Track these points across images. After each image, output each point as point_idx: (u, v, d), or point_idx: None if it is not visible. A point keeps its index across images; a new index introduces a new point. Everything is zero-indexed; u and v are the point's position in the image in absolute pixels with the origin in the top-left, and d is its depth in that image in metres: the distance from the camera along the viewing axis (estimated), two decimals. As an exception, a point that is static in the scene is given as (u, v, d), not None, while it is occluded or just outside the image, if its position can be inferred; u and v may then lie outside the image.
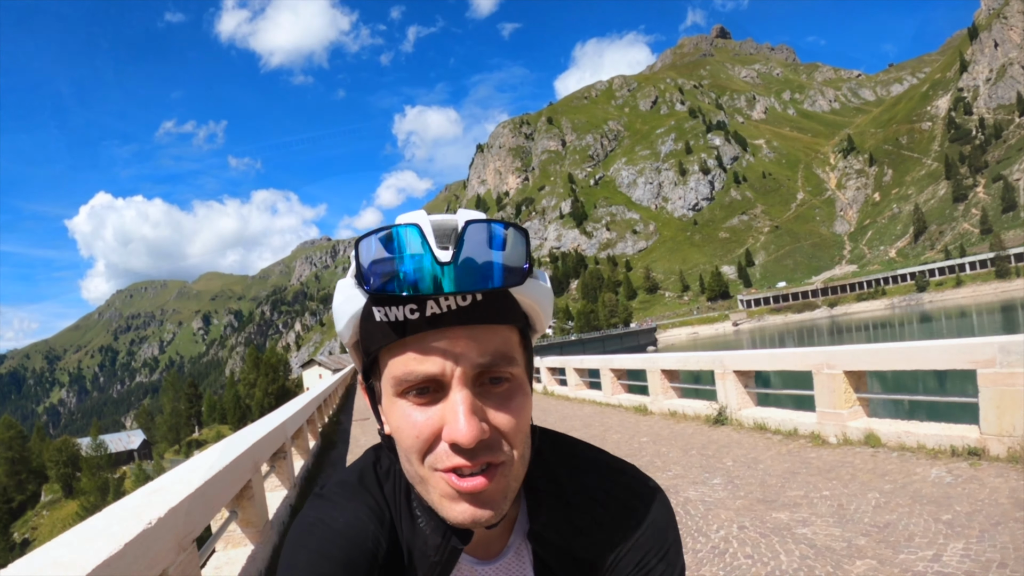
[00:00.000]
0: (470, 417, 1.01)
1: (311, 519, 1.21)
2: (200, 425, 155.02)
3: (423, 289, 0.98)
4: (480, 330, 1.05)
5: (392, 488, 1.27)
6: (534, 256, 1.06)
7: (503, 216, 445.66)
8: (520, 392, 1.11)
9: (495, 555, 1.28)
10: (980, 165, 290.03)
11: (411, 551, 1.22)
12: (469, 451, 1.03)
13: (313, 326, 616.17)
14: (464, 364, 1.03)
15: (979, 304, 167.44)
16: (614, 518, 1.24)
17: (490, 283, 1.00)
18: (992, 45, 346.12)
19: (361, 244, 1.04)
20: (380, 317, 1.07)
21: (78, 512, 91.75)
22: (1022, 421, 8.59)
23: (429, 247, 0.99)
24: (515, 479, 1.12)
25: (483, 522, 1.06)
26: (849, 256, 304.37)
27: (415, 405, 1.07)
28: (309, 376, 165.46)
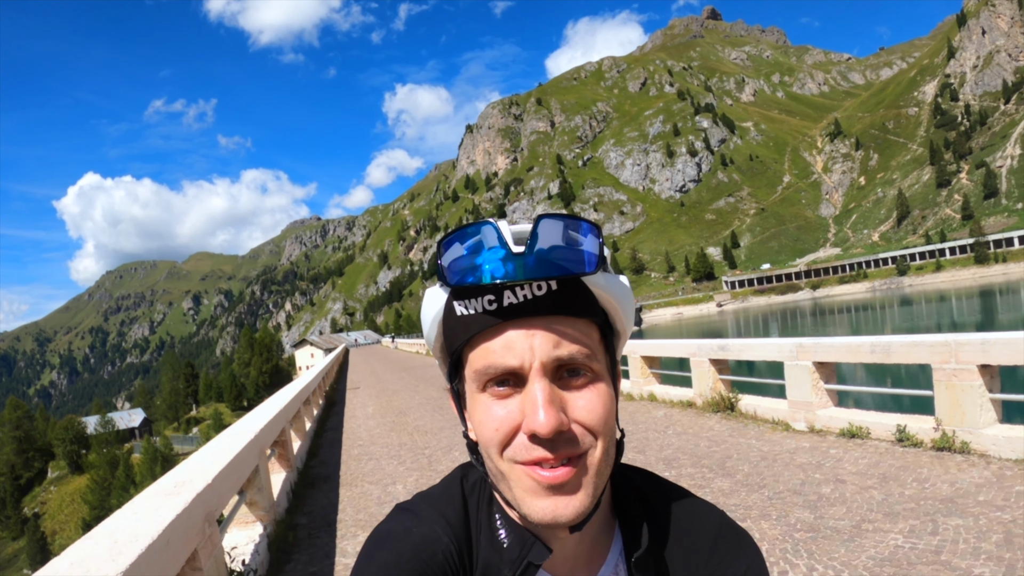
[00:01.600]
0: (548, 407, 1.01)
1: (386, 530, 1.21)
2: (197, 403, 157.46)
3: (497, 277, 1.01)
4: (558, 321, 1.05)
5: (476, 502, 1.26)
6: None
7: (491, 196, 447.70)
8: (600, 387, 1.10)
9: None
10: (964, 151, 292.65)
11: (487, 567, 1.20)
12: (549, 443, 1.02)
13: (304, 306, 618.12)
14: (542, 355, 1.03)
15: (958, 289, 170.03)
16: (718, 559, 1.24)
17: (561, 271, 1.02)
18: (980, 32, 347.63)
19: (442, 244, 1.07)
20: (460, 311, 1.08)
21: (88, 485, 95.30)
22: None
23: (505, 240, 1.03)
24: (598, 475, 1.09)
25: (565, 519, 1.04)
26: (833, 239, 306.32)
27: (495, 399, 1.07)
28: (301, 355, 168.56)
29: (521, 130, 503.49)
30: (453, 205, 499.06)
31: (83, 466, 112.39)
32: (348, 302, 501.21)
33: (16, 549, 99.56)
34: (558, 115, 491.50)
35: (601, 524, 1.24)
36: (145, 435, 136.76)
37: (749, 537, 1.29)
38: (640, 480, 1.33)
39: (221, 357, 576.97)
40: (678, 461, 10.69)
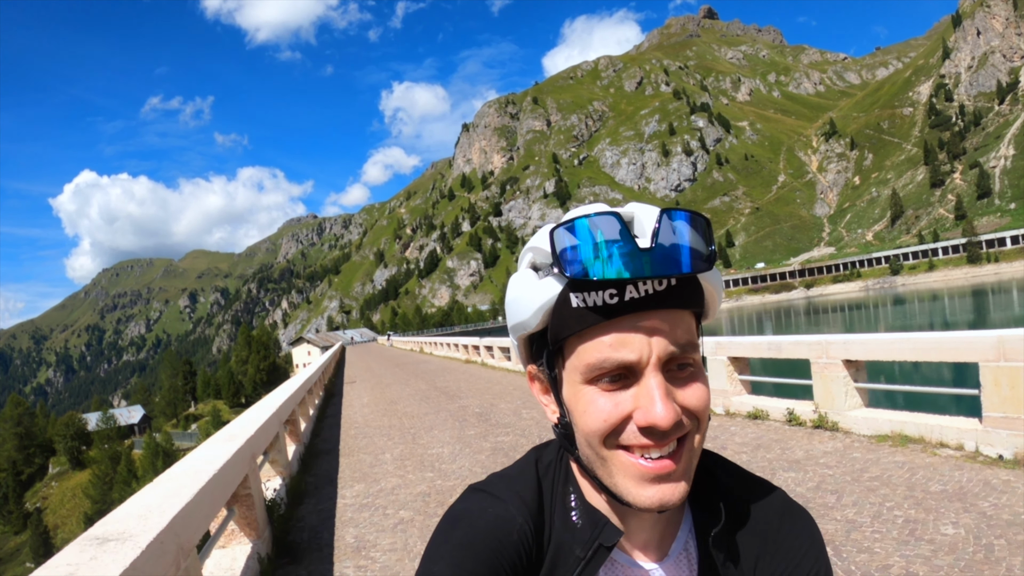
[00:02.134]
0: (666, 400, 1.02)
1: (461, 509, 1.22)
2: (195, 400, 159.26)
3: (626, 274, 1.00)
4: (671, 315, 1.06)
5: (551, 482, 1.27)
6: (520, 235, 1.03)
7: (487, 195, 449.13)
8: (702, 376, 1.12)
9: (660, 558, 1.26)
10: (958, 152, 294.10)
11: (559, 547, 1.20)
12: (661, 432, 1.04)
13: (300, 303, 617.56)
14: (659, 349, 1.04)
15: (950, 288, 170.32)
16: (784, 534, 1.26)
17: (684, 268, 1.02)
18: (975, 33, 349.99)
19: (555, 233, 1.06)
20: (577, 303, 1.06)
21: (91, 480, 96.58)
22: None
23: (629, 233, 1.02)
24: (696, 457, 1.13)
25: (673, 503, 1.07)
26: (828, 238, 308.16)
27: (604, 392, 1.07)
28: (299, 353, 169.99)
29: (517, 129, 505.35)
30: (449, 204, 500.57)
31: (84, 462, 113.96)
32: (344, 300, 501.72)
33: (18, 543, 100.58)
34: (554, 114, 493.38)
35: None
36: (147, 431, 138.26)
37: (808, 514, 1.31)
38: (707, 459, 1.33)
39: (218, 355, 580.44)
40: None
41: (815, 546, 1.26)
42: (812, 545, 1.26)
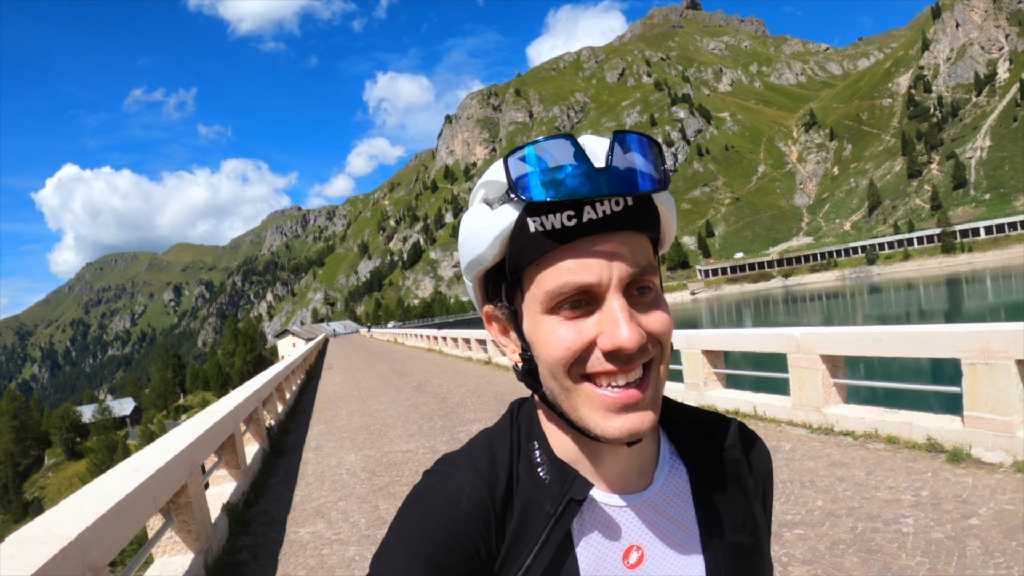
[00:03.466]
0: (631, 321, 1.00)
1: (412, 494, 1.21)
2: (184, 392, 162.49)
3: (583, 192, 0.97)
4: (630, 237, 1.04)
5: (509, 443, 1.24)
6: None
7: (470, 187, 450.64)
8: (663, 302, 1.10)
9: (641, 489, 1.22)
10: (936, 143, 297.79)
11: (527, 503, 1.17)
12: (626, 356, 1.02)
13: (285, 296, 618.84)
14: (619, 271, 1.02)
15: (925, 277, 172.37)
16: (756, 456, 1.31)
17: (640, 186, 0.99)
18: (954, 25, 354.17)
19: (510, 159, 1.02)
20: (535, 228, 1.03)
21: (88, 468, 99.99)
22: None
23: (584, 155, 0.99)
24: (662, 385, 1.10)
25: (643, 432, 1.05)
26: (806, 228, 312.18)
27: (566, 320, 1.05)
28: (284, 345, 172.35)
29: (500, 120, 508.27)
30: (432, 195, 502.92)
31: (79, 452, 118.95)
32: (329, 292, 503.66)
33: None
34: (536, 106, 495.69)
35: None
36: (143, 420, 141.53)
37: (760, 439, 1.36)
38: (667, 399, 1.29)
39: (203, 348, 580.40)
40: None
41: (769, 467, 1.34)
42: (769, 465, 1.34)
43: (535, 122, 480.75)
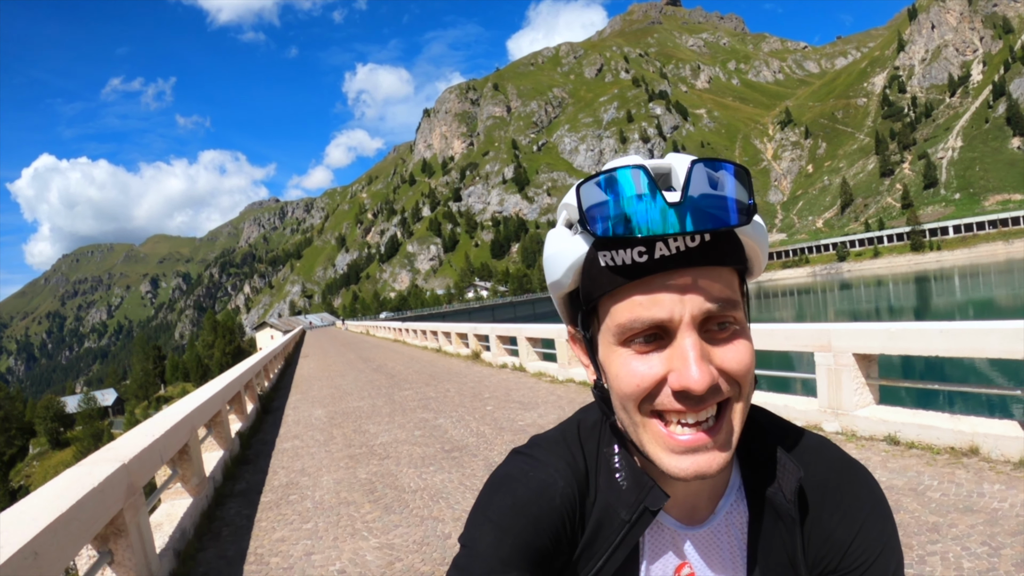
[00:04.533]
0: (701, 362, 0.98)
1: (504, 473, 1.22)
2: (164, 383, 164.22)
3: (653, 230, 0.96)
4: (707, 272, 1.01)
5: (595, 444, 1.25)
6: (478, 220, 1.22)
7: (448, 180, 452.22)
8: (744, 336, 1.07)
9: (704, 519, 1.24)
10: (909, 142, 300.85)
11: (604, 509, 1.19)
12: (698, 397, 1.00)
13: (262, 288, 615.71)
14: (693, 307, 1.00)
15: (894, 275, 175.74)
16: (843, 493, 1.21)
17: (718, 222, 0.97)
18: (929, 26, 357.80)
19: (582, 189, 1.01)
20: (606, 261, 1.02)
21: (74, 456, 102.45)
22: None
23: (658, 188, 0.96)
24: (739, 423, 1.08)
25: (709, 473, 1.04)
26: (780, 225, 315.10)
27: (638, 354, 1.03)
28: (262, 337, 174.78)
29: (478, 115, 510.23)
30: (410, 189, 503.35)
31: (63, 442, 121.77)
32: (306, 285, 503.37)
33: None
34: (514, 100, 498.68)
35: None
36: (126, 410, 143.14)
37: (868, 472, 1.25)
38: (758, 415, 1.29)
39: (181, 340, 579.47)
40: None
41: (879, 506, 1.21)
42: (876, 505, 1.20)
43: (513, 116, 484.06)
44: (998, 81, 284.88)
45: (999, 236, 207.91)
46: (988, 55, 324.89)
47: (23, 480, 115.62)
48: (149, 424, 7.79)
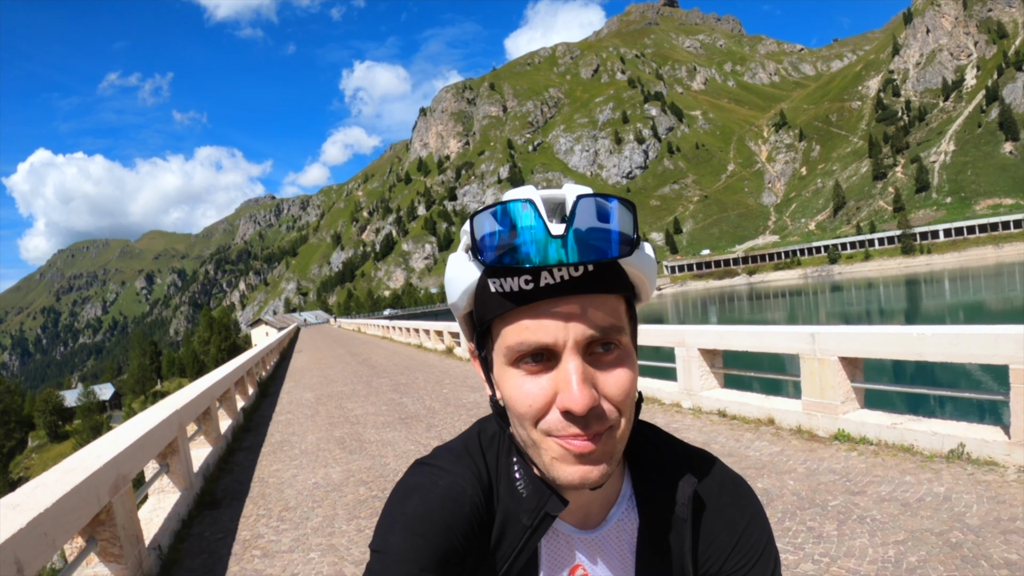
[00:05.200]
0: (582, 385, 1.03)
1: (412, 483, 1.25)
2: (161, 379, 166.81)
3: (537, 261, 1.00)
4: (591, 299, 1.06)
5: (495, 454, 1.31)
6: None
7: (443, 179, 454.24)
8: (628, 359, 1.12)
9: (597, 525, 1.31)
10: (902, 146, 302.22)
11: (507, 515, 1.25)
12: (582, 419, 1.05)
13: (258, 285, 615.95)
14: (576, 333, 1.04)
15: (885, 277, 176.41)
16: (723, 504, 1.30)
17: (601, 254, 1.01)
18: (924, 31, 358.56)
19: (475, 219, 1.06)
20: (495, 288, 1.08)
21: (74, 448, 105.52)
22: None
23: (543, 220, 1.01)
24: (621, 441, 1.13)
25: (592, 481, 1.09)
26: (773, 227, 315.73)
27: (528, 374, 1.08)
28: (257, 334, 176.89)
29: (474, 114, 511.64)
30: (406, 187, 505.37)
31: (62, 435, 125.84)
32: (302, 282, 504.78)
33: None
34: (510, 100, 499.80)
35: (614, 473, 1.23)
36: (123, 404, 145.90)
37: (749, 487, 1.35)
38: (648, 431, 1.37)
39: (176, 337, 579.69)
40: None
41: (758, 515, 1.31)
42: (755, 514, 1.30)
43: (508, 116, 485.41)
44: (991, 86, 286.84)
45: (989, 240, 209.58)
46: (982, 60, 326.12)
47: (22, 472, 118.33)
48: (181, 393, 11.02)
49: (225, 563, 6.99)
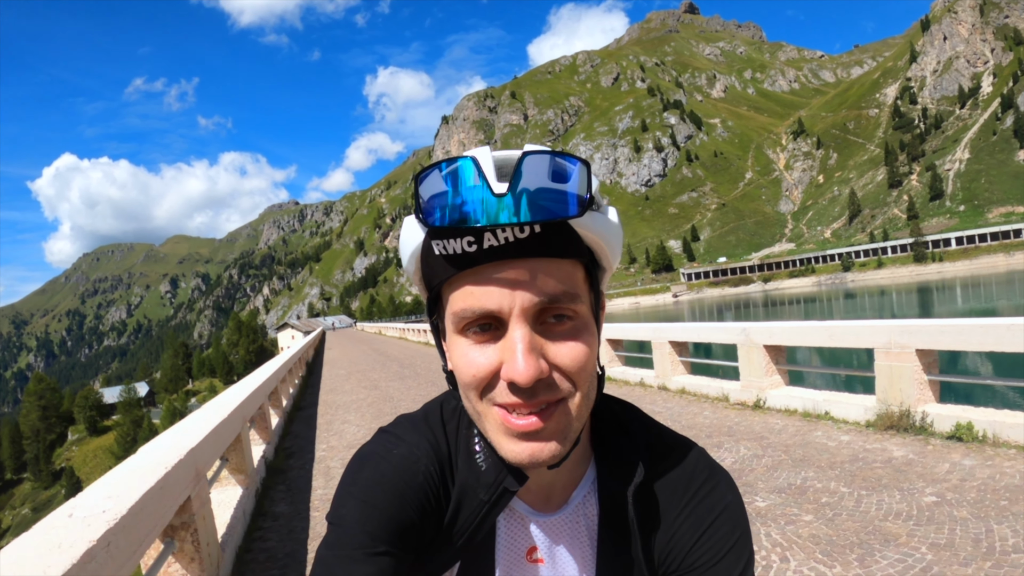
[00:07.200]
0: (528, 355, 1.00)
1: (368, 451, 1.24)
2: (192, 378, 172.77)
3: (479, 220, 0.96)
4: (540, 264, 1.02)
5: (455, 426, 1.29)
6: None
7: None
8: (585, 331, 1.08)
9: (557, 508, 1.28)
10: (918, 154, 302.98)
11: (464, 488, 1.23)
12: (528, 390, 1.02)
13: (281, 290, 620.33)
14: (523, 299, 1.01)
15: (897, 285, 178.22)
16: (693, 492, 1.25)
17: (548, 214, 0.97)
18: (942, 38, 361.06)
19: (420, 178, 1.02)
20: (439, 251, 1.05)
21: (116, 440, 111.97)
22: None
23: (485, 178, 0.97)
24: (577, 418, 1.09)
25: (542, 460, 1.05)
26: (789, 235, 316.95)
27: (475, 343, 1.06)
28: (283, 337, 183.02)
29: (495, 122, 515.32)
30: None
31: (101, 429, 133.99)
32: (325, 287, 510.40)
33: (48, 496, 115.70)
34: (531, 108, 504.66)
35: (578, 454, 1.25)
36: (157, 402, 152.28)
37: (726, 474, 1.30)
38: (621, 411, 1.33)
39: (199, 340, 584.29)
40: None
41: (731, 509, 1.24)
42: (728, 508, 1.24)
43: (530, 124, 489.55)
44: (1007, 93, 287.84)
45: (1000, 248, 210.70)
46: (999, 67, 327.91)
47: (63, 463, 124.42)
48: (254, 376, 14.57)
49: (314, 425, 16.00)
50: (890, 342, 10.39)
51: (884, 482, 7.70)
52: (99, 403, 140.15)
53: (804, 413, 11.90)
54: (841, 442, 9.74)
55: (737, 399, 13.67)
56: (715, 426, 11.81)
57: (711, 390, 14.70)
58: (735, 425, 11.73)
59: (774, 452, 9.59)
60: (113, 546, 3.50)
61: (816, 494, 7.57)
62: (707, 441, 10.70)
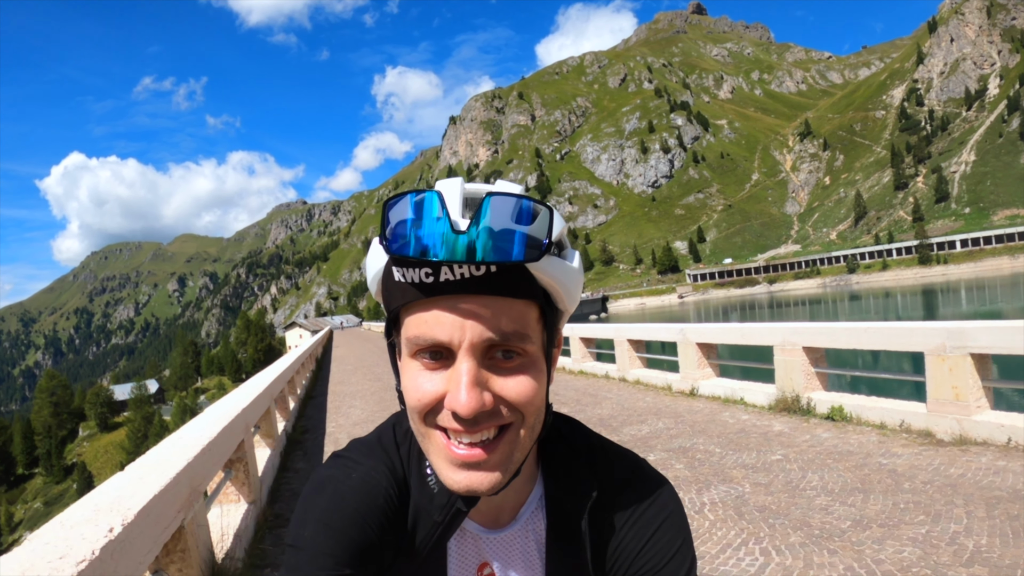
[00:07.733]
0: (472, 389, 1.03)
1: (326, 476, 1.26)
2: (200, 376, 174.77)
3: (437, 254, 0.98)
4: (493, 301, 1.05)
5: (408, 449, 1.31)
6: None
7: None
8: (533, 368, 1.11)
9: (504, 524, 1.31)
10: (924, 156, 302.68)
11: (418, 509, 1.26)
12: (470, 420, 1.05)
13: (289, 289, 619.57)
14: (472, 334, 1.04)
15: (901, 287, 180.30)
16: (647, 505, 1.28)
17: (504, 256, 0.99)
18: (948, 40, 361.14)
19: (389, 205, 1.04)
20: (399, 277, 1.07)
21: (127, 436, 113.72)
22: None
23: (448, 214, 1.00)
24: (520, 450, 1.12)
25: (482, 490, 1.08)
26: (795, 236, 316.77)
27: (425, 368, 1.08)
28: (291, 336, 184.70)
29: (503, 123, 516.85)
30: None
31: (111, 425, 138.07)
32: (332, 287, 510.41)
33: (60, 491, 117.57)
34: (539, 109, 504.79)
35: (525, 473, 1.29)
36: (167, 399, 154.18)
37: (668, 484, 1.33)
38: (566, 429, 1.37)
39: (207, 339, 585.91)
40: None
41: (673, 517, 1.28)
42: (670, 516, 1.28)
43: (537, 125, 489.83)
44: (1013, 96, 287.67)
45: (1005, 251, 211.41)
46: (1005, 69, 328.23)
47: (75, 458, 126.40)
48: (275, 366, 17.62)
49: (325, 409, 18.20)
50: (784, 341, 12.93)
51: (751, 446, 10.21)
52: (110, 400, 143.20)
53: (725, 399, 14.49)
54: (740, 420, 12.34)
55: (677, 388, 16.39)
56: (649, 409, 14.33)
57: (659, 381, 17.48)
58: (665, 408, 14.27)
59: (682, 426, 12.19)
60: (197, 464, 5.14)
61: (695, 452, 10.15)
62: (636, 419, 13.31)
